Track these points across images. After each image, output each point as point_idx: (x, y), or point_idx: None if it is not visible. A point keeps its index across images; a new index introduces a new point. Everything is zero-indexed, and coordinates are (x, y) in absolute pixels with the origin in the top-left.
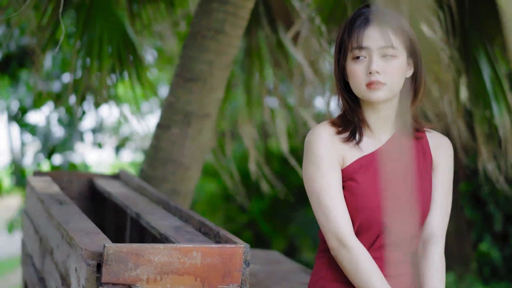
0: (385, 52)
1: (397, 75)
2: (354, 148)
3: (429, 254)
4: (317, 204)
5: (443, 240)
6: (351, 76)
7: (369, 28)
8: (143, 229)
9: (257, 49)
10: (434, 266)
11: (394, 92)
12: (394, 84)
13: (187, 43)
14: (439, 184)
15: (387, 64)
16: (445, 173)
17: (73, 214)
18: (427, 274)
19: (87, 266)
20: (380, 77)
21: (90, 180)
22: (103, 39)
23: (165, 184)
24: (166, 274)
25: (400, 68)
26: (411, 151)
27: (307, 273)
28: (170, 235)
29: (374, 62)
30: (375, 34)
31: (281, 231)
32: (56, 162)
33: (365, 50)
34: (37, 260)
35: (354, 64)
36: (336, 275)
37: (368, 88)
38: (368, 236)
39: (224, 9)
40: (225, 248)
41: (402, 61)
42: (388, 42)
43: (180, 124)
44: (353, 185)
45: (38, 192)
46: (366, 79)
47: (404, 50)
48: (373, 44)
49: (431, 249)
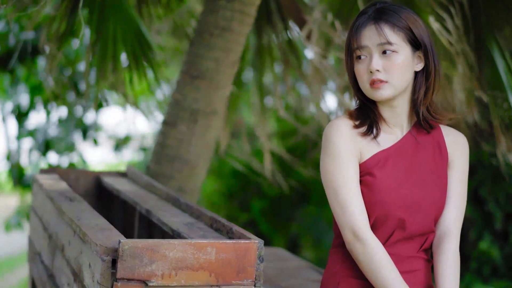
0: (383, 49)
1: (400, 71)
2: (371, 142)
3: (443, 251)
4: (334, 196)
5: (458, 236)
6: (357, 76)
7: (366, 27)
8: (151, 226)
9: (268, 47)
10: (448, 263)
11: (399, 88)
12: (397, 80)
13: (194, 41)
14: (454, 181)
15: (387, 61)
16: (460, 170)
17: (84, 210)
18: (441, 270)
19: (102, 261)
20: (381, 75)
21: (97, 177)
22: (117, 37)
23: (172, 181)
24: (180, 270)
25: (403, 63)
26: (427, 147)
27: (314, 270)
28: (182, 232)
29: (373, 61)
30: (372, 33)
31: (282, 230)
32: (53, 161)
33: (365, 49)
34: (46, 257)
35: (357, 64)
36: (352, 270)
37: (371, 87)
38: (384, 231)
39: (232, 7)
40: (239, 243)
41: (404, 56)
42: (384, 39)
43: (187, 121)
44: (370, 179)
45: (46, 189)
46: (368, 78)
47: (406, 44)
48: (370, 42)
49: (446, 245)
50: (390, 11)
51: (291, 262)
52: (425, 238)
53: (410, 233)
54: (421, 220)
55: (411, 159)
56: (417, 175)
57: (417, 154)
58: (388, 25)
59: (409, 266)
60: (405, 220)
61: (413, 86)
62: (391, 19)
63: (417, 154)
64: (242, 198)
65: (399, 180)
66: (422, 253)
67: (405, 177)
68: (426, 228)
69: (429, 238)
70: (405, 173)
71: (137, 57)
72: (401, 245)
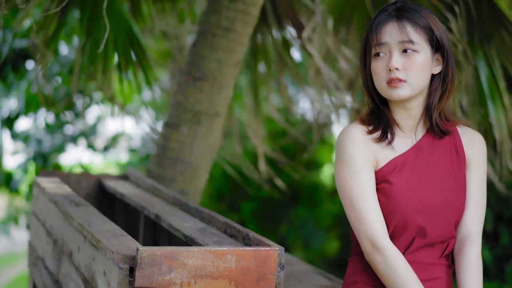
0: (404, 47)
1: (419, 71)
2: (386, 148)
3: (466, 255)
4: (350, 207)
5: (479, 239)
6: (374, 74)
7: (389, 24)
8: (157, 230)
9: (263, 48)
10: (471, 267)
11: (417, 89)
12: (416, 80)
13: (196, 42)
14: (473, 182)
15: (408, 60)
16: (479, 170)
17: (93, 215)
18: (464, 275)
19: (119, 269)
20: (400, 74)
21: (98, 180)
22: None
23: (174, 184)
24: (200, 278)
25: (423, 64)
26: (444, 149)
27: (321, 275)
28: (196, 238)
29: (393, 58)
30: (394, 29)
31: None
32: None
33: (384, 46)
34: (50, 262)
35: (375, 61)
36: (372, 279)
37: (388, 86)
38: (404, 239)
39: (235, 7)
40: (259, 250)
41: (425, 57)
42: (406, 37)
43: (189, 123)
44: (387, 187)
45: (50, 193)
46: (386, 76)
47: (427, 45)
48: (391, 39)
49: (468, 249)
50: (413, 10)
51: (297, 267)
52: (446, 245)
53: (431, 240)
54: (441, 226)
55: (427, 163)
56: (435, 179)
57: (434, 158)
58: (410, 23)
59: (430, 274)
60: (425, 227)
61: (429, 89)
62: (413, 18)
63: (433, 158)
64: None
65: (417, 186)
66: (443, 260)
67: (423, 182)
68: (447, 234)
69: (451, 244)
70: (423, 178)
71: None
72: (421, 253)
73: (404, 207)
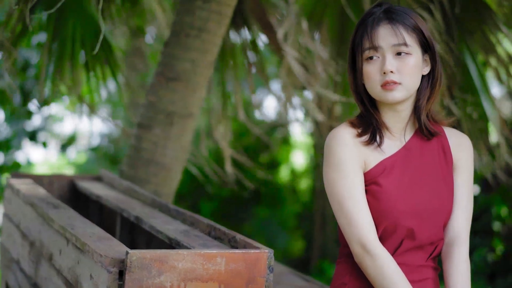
0: (398, 50)
1: (413, 73)
2: (375, 150)
3: (454, 258)
4: (339, 209)
5: (467, 242)
6: (366, 78)
7: (381, 26)
8: (133, 232)
9: (231, 49)
10: (459, 269)
11: (411, 91)
12: (410, 83)
13: (169, 42)
14: (461, 184)
15: (401, 62)
16: (467, 173)
17: (74, 218)
18: (452, 277)
19: (108, 273)
20: (395, 76)
21: (71, 182)
22: (75, 37)
23: (147, 185)
24: (190, 281)
25: (416, 66)
26: (432, 151)
27: (297, 276)
28: (181, 240)
29: (387, 62)
30: (387, 32)
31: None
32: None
33: (378, 49)
34: (26, 265)
35: (368, 65)
36: (360, 281)
37: (383, 89)
38: (393, 241)
39: (208, 7)
40: (249, 253)
41: (417, 59)
42: (401, 40)
43: (162, 124)
44: (376, 189)
45: (25, 195)
46: (380, 79)
47: (419, 47)
48: (385, 42)
49: (456, 251)
50: (402, 12)
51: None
52: (434, 247)
53: (420, 242)
54: (430, 228)
55: (416, 165)
56: (424, 181)
57: (422, 160)
58: (403, 26)
59: (418, 276)
60: (414, 229)
61: (417, 90)
62: (404, 20)
63: (422, 160)
64: (192, 200)
65: (406, 188)
66: (430, 261)
67: (412, 184)
68: (436, 236)
69: (439, 246)
70: (412, 180)
71: (96, 57)
72: (410, 255)
73: (393, 209)
